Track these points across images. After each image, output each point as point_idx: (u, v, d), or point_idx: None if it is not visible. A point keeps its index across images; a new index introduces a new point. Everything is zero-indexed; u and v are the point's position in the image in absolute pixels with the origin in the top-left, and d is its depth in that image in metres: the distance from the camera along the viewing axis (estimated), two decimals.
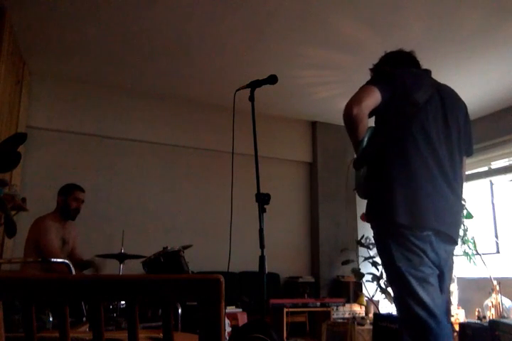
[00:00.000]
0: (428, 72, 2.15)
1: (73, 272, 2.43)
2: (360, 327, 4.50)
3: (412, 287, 1.78)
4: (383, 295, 5.14)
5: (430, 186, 1.85)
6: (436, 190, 1.86)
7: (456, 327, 4.30)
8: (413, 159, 1.86)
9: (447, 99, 2.04)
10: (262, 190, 2.24)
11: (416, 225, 1.80)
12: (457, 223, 1.96)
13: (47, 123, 4.91)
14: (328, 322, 4.77)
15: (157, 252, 3.15)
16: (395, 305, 1.93)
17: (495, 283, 4.60)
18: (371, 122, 1.99)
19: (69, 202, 3.48)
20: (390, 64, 2.18)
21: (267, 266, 2.11)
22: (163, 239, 4.13)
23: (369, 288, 5.29)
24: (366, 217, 1.96)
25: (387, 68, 2.13)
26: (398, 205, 1.81)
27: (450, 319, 1.96)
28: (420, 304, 1.77)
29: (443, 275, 1.90)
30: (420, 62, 2.24)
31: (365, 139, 1.90)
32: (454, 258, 2.00)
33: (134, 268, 3.56)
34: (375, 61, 2.32)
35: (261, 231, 2.15)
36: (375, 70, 2.23)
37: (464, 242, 5.22)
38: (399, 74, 1.98)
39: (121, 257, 3.26)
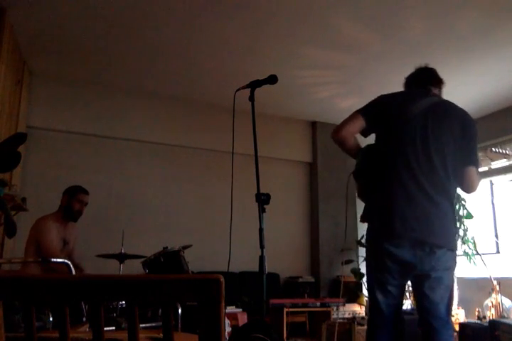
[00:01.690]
0: (424, 92, 2.34)
1: (73, 272, 2.43)
2: (360, 327, 4.50)
3: (372, 285, 2.13)
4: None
5: (403, 199, 2.08)
6: (410, 203, 2.08)
7: (456, 327, 4.30)
8: (390, 178, 2.13)
9: (436, 117, 2.22)
10: (262, 190, 2.24)
11: (390, 234, 2.06)
12: (436, 230, 2.09)
13: (47, 123, 4.91)
14: (328, 322, 4.76)
15: (157, 252, 3.15)
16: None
17: (495, 283, 4.60)
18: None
19: (72, 203, 3.49)
20: (405, 86, 2.51)
21: (266, 266, 2.11)
22: (163, 239, 4.12)
23: None
24: (361, 218, 2.27)
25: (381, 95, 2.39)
26: (375, 216, 2.14)
27: (449, 319, 2.12)
28: (374, 303, 2.11)
29: (427, 277, 2.09)
30: (429, 66, 2.56)
31: (360, 156, 2.24)
32: (450, 261, 2.12)
33: (134, 268, 3.56)
34: (375, 61, 2.42)
35: (261, 231, 2.15)
36: None
37: (464, 242, 5.22)
38: (383, 101, 2.29)
39: (121, 257, 3.25)
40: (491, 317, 4.42)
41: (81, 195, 3.53)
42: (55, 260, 2.67)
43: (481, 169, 6.48)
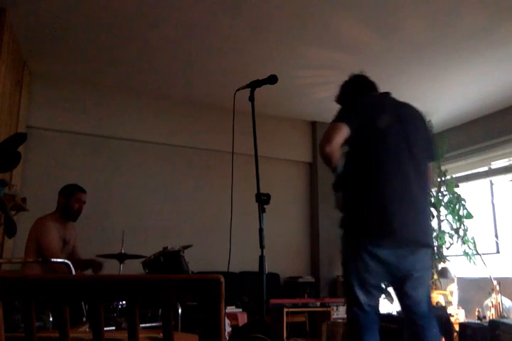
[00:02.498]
0: (387, 94, 2.40)
1: (73, 272, 2.43)
2: None
3: (352, 286, 2.13)
4: (383, 295, 5.14)
5: (396, 202, 2.10)
6: (401, 205, 2.10)
7: (456, 327, 4.30)
8: (380, 181, 2.14)
9: (407, 118, 2.28)
10: (262, 190, 2.24)
11: (377, 238, 2.10)
12: (422, 230, 2.16)
13: (47, 123, 4.91)
14: (328, 322, 4.77)
15: (157, 252, 3.15)
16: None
17: (495, 283, 4.60)
18: None
19: (71, 203, 3.46)
20: (352, 92, 2.47)
21: (266, 266, 2.11)
22: (163, 239, 4.12)
23: None
24: (339, 225, 2.26)
25: (350, 101, 2.40)
26: (359, 223, 2.14)
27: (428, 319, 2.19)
28: (355, 302, 2.12)
29: (409, 277, 2.13)
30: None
31: (339, 166, 2.21)
32: (429, 260, 2.21)
33: (134, 268, 3.56)
34: (375, 61, 2.41)
35: (261, 231, 2.15)
36: (341, 104, 2.47)
37: (464, 242, 5.22)
38: (361, 105, 2.29)
39: (121, 257, 3.25)
40: (491, 317, 4.42)
41: (79, 193, 3.50)
42: (55, 260, 2.67)
43: (481, 169, 6.46)
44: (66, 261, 2.47)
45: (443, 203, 5.46)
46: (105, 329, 0.84)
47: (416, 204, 2.14)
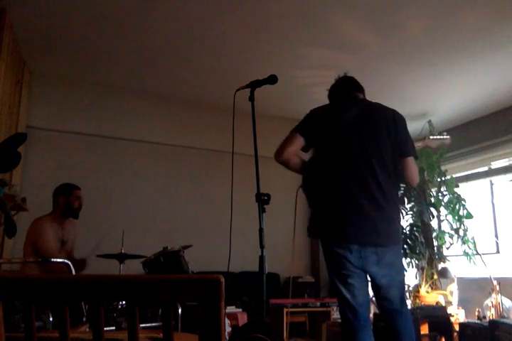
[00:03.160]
0: (354, 98, 2.50)
1: (73, 272, 2.43)
2: None
3: (337, 286, 2.24)
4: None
5: (350, 207, 2.20)
6: (356, 210, 2.19)
7: (456, 327, 4.30)
8: (332, 186, 2.26)
9: (367, 120, 2.33)
10: (262, 190, 2.24)
11: (336, 238, 2.21)
12: (379, 230, 2.22)
13: (47, 123, 4.91)
14: (328, 322, 4.76)
15: (157, 252, 3.15)
16: None
17: (495, 283, 4.60)
18: None
19: (71, 202, 3.47)
20: (329, 96, 2.67)
21: (266, 266, 2.11)
22: (163, 239, 4.12)
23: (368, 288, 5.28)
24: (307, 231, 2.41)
25: (311, 110, 2.53)
26: (322, 223, 2.28)
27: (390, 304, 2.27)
28: (343, 300, 2.21)
29: (376, 276, 2.24)
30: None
31: (305, 170, 2.43)
32: (393, 256, 2.26)
33: (134, 268, 3.55)
34: (375, 61, 2.45)
35: (261, 231, 2.15)
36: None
37: (464, 242, 5.22)
38: (315, 114, 2.44)
39: (121, 257, 3.26)
40: (491, 317, 4.42)
41: (76, 191, 3.52)
42: (55, 260, 2.67)
43: (481, 169, 6.45)
44: (66, 261, 2.47)
45: (443, 203, 5.46)
46: (105, 329, 0.84)
47: (369, 207, 2.19)
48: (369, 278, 2.30)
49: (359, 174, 2.23)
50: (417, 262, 5.33)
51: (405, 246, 5.16)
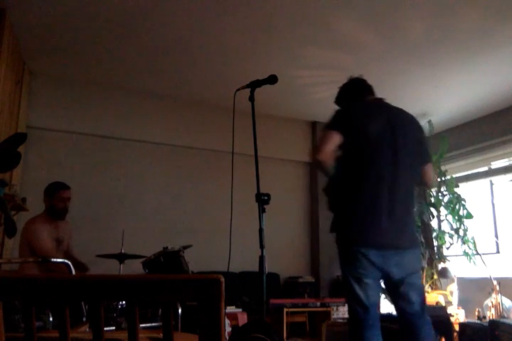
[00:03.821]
0: (380, 100, 2.47)
1: (73, 272, 2.43)
2: None
3: (351, 284, 2.22)
4: (383, 296, 5.14)
5: (375, 209, 2.21)
6: (388, 213, 2.20)
7: (456, 327, 4.30)
8: (363, 189, 2.25)
9: (397, 124, 2.34)
10: (262, 190, 2.24)
11: (366, 240, 2.21)
12: (403, 234, 2.26)
13: (47, 123, 4.91)
14: (328, 322, 4.75)
15: (157, 252, 3.15)
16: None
17: (495, 283, 4.60)
18: None
19: (54, 203, 3.42)
20: (348, 96, 2.56)
21: (266, 266, 2.11)
22: (163, 239, 4.13)
23: None
24: (330, 229, 2.42)
25: (343, 106, 2.51)
26: (349, 225, 2.27)
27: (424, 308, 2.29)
28: (356, 299, 2.21)
29: (401, 279, 2.24)
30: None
31: (331, 171, 2.31)
32: (415, 259, 2.31)
33: (134, 268, 3.56)
34: (375, 61, 2.43)
35: (261, 231, 2.15)
36: (338, 106, 2.60)
37: (464, 242, 5.22)
38: (352, 112, 2.37)
39: (121, 257, 3.25)
40: (491, 317, 4.42)
41: (60, 192, 3.45)
42: (55, 260, 2.66)
43: (481, 169, 6.48)
44: (66, 261, 2.47)
45: (443, 203, 5.46)
46: (105, 329, 0.84)
47: (397, 209, 2.22)
48: (382, 281, 2.32)
49: (393, 178, 2.25)
50: None
51: None
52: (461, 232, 5.24)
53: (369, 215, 2.22)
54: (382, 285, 2.35)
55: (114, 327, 2.48)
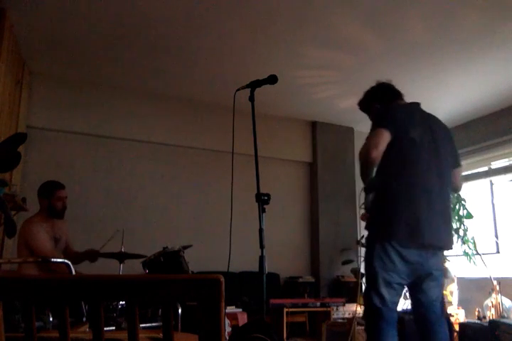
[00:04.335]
0: (417, 104, 2.48)
1: (73, 272, 2.43)
2: (360, 327, 4.50)
3: (378, 284, 2.21)
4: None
5: (420, 211, 2.23)
6: (427, 213, 2.23)
7: (456, 327, 4.30)
8: (410, 188, 2.25)
9: (436, 128, 2.41)
10: (262, 190, 2.24)
11: (411, 241, 2.21)
12: (446, 235, 2.34)
13: (47, 123, 4.91)
14: (328, 322, 4.76)
15: (157, 252, 3.15)
16: (364, 301, 2.33)
17: (495, 283, 4.60)
18: None
19: (53, 203, 3.39)
20: (379, 100, 2.52)
21: (266, 266, 2.11)
22: (163, 239, 4.12)
23: None
24: (366, 226, 2.37)
25: (381, 108, 2.48)
26: (395, 224, 2.22)
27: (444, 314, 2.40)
28: (379, 295, 2.20)
29: (429, 275, 2.28)
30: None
31: (374, 171, 2.30)
32: (449, 259, 2.36)
33: (134, 268, 3.55)
34: (375, 61, 2.43)
35: (261, 231, 2.14)
36: (365, 109, 2.59)
37: (464, 242, 5.22)
38: (397, 114, 2.36)
39: (121, 257, 3.25)
40: (491, 317, 4.42)
41: (58, 191, 3.43)
42: (55, 260, 2.66)
43: (481, 169, 6.46)
44: (66, 261, 2.47)
45: None
46: (105, 329, 0.84)
47: (440, 211, 2.28)
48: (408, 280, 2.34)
49: (437, 181, 2.30)
50: None
51: None
52: (461, 232, 5.24)
53: (410, 218, 2.23)
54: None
55: (114, 327, 2.48)
